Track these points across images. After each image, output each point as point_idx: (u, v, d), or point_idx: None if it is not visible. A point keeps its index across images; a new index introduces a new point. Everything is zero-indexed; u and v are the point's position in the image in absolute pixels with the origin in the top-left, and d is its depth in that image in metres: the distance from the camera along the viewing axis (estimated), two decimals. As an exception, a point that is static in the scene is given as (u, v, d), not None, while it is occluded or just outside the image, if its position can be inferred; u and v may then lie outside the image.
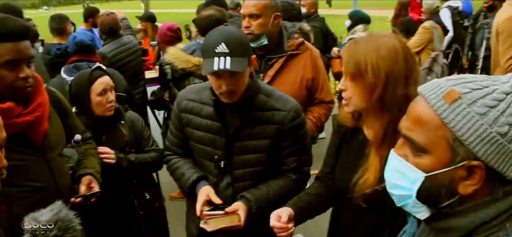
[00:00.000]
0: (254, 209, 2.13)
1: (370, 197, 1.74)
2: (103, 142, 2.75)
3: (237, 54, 1.97)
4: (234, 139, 2.16)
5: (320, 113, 3.07)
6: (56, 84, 3.39)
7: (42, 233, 1.35)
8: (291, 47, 2.99)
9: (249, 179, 2.21)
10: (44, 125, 2.11)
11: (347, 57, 1.73)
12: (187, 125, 2.24)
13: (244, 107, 2.12)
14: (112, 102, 2.72)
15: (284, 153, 2.22)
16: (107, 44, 4.83)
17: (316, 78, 3.01)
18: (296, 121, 2.18)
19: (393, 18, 8.03)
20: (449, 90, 1.04)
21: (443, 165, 1.05)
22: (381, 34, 1.74)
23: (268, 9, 2.87)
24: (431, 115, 1.05)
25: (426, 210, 1.13)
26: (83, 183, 2.29)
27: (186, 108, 2.23)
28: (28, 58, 1.97)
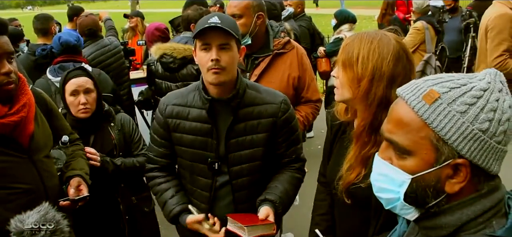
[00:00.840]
0: (280, 209, 2.17)
1: (354, 194, 1.77)
2: (91, 144, 2.74)
3: (229, 27, 2.00)
4: (229, 137, 2.16)
5: (307, 112, 3.09)
6: (41, 85, 3.36)
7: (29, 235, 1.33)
8: (277, 46, 3.01)
9: (247, 174, 2.22)
10: (30, 126, 2.08)
11: (343, 46, 1.76)
12: (174, 131, 2.21)
13: (235, 104, 2.13)
14: (86, 105, 2.66)
15: (283, 145, 2.26)
16: (87, 46, 4.72)
17: (303, 76, 3.04)
18: (289, 112, 2.23)
19: (380, 17, 8.09)
20: (428, 90, 1.05)
21: (428, 165, 1.06)
22: (383, 32, 1.75)
23: (250, 9, 2.90)
24: (412, 117, 1.06)
25: (414, 211, 1.14)
26: (72, 185, 2.26)
27: (171, 113, 2.20)
28: (8, 53, 1.94)
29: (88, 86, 2.69)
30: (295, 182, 2.31)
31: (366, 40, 1.71)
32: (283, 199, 2.19)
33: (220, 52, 2.02)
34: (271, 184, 2.25)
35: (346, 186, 1.78)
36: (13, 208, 1.86)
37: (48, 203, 1.43)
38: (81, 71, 2.77)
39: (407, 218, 1.17)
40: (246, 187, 2.23)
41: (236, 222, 2.04)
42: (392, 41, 1.70)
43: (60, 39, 3.63)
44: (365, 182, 1.68)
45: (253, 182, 2.24)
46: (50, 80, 3.46)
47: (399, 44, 1.72)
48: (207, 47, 2.03)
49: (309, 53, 6.18)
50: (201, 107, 2.15)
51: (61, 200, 2.16)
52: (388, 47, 1.68)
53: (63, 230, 1.38)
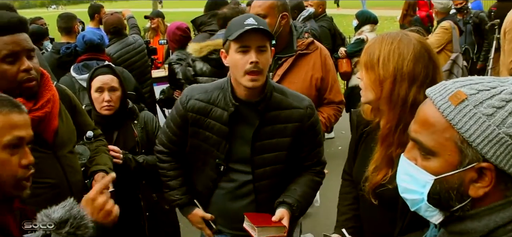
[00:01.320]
0: (297, 213, 2.19)
1: (381, 195, 1.76)
2: (114, 140, 2.79)
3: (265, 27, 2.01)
4: (255, 140, 2.16)
5: (330, 114, 3.07)
6: (66, 83, 3.41)
7: (54, 230, 1.35)
8: (300, 46, 3.00)
9: (270, 177, 2.23)
10: (54, 122, 2.12)
11: (365, 48, 1.76)
12: (193, 125, 2.22)
13: (262, 108, 2.13)
14: (109, 102, 2.72)
15: (306, 149, 2.27)
16: (112, 45, 4.82)
17: (326, 78, 3.02)
18: (314, 117, 2.24)
19: (401, 17, 8.01)
20: (455, 91, 1.04)
21: (451, 167, 1.04)
22: (404, 32, 1.74)
23: (274, 9, 2.90)
24: (438, 117, 1.05)
25: (439, 213, 1.12)
26: (96, 180, 2.29)
27: (193, 107, 2.20)
28: (27, 50, 1.97)
29: (113, 84, 2.75)
30: (314, 185, 2.34)
31: (386, 41, 1.70)
32: (301, 203, 2.21)
33: (258, 54, 2.01)
34: (291, 186, 2.27)
35: (372, 187, 1.77)
36: (37, 203, 1.89)
37: (73, 199, 1.45)
38: (108, 69, 2.83)
39: (432, 221, 1.15)
40: (268, 190, 2.24)
41: (250, 221, 2.07)
42: (413, 40, 1.69)
43: (84, 37, 3.69)
44: (392, 183, 1.67)
45: (275, 184, 2.25)
46: (74, 78, 3.52)
47: (421, 43, 1.70)
48: (246, 49, 2.01)
49: (330, 53, 6.16)
50: (224, 108, 2.15)
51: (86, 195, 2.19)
52: (409, 47, 1.67)
53: (87, 226, 1.40)
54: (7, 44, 1.90)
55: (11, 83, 1.93)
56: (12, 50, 1.91)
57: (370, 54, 1.71)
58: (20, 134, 1.44)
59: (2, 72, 1.92)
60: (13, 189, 1.46)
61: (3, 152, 1.42)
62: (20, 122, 1.46)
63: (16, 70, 1.93)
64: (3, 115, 1.42)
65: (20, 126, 1.45)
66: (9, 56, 1.91)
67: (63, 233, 1.36)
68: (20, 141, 1.45)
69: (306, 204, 2.27)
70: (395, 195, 1.60)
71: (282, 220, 2.10)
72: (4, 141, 1.41)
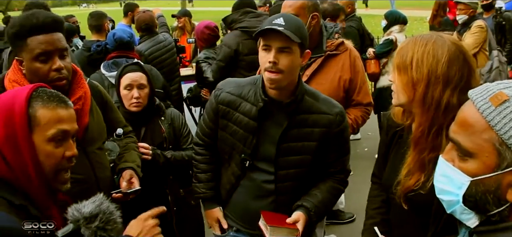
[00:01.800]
0: (314, 218, 2.18)
1: (413, 200, 1.73)
2: (141, 136, 2.83)
3: (293, 30, 1.98)
4: (281, 140, 2.16)
5: (357, 115, 3.04)
6: (95, 80, 3.46)
7: (84, 224, 1.38)
8: (330, 47, 2.98)
9: (292, 179, 2.22)
10: (85, 119, 2.17)
11: (398, 50, 1.73)
12: (223, 117, 2.25)
13: (292, 108, 2.13)
14: (138, 99, 2.76)
15: (331, 156, 2.25)
16: (144, 42, 4.91)
17: (354, 79, 2.99)
18: (343, 125, 2.21)
19: (431, 18, 7.86)
20: (496, 92, 1.01)
21: (489, 169, 1.02)
22: (438, 34, 1.70)
23: (305, 9, 2.88)
24: (477, 118, 1.03)
25: (475, 217, 1.10)
26: (124, 178, 2.33)
27: (224, 100, 2.23)
28: (60, 50, 2.02)
29: (142, 81, 2.79)
30: (335, 192, 2.32)
31: (420, 43, 1.66)
32: (319, 208, 2.20)
33: (279, 54, 2.00)
34: (312, 191, 2.25)
35: (404, 192, 1.74)
36: None
37: (103, 194, 1.48)
38: (137, 66, 2.87)
39: (468, 225, 1.13)
40: (289, 192, 2.24)
41: (265, 220, 2.08)
42: (447, 42, 1.64)
43: (114, 35, 3.75)
44: (425, 188, 1.64)
45: (296, 187, 2.24)
46: (104, 75, 3.58)
47: (456, 45, 1.66)
48: (268, 48, 2.02)
49: (358, 54, 6.11)
50: (254, 104, 2.16)
51: (113, 192, 2.23)
52: (443, 48, 1.63)
53: (116, 221, 1.43)
54: (41, 43, 1.96)
55: (42, 81, 1.97)
56: (45, 50, 1.97)
57: (403, 56, 1.68)
58: (64, 128, 1.50)
59: (35, 70, 1.98)
60: (54, 181, 1.51)
61: (48, 144, 1.47)
62: (65, 116, 1.51)
63: (48, 69, 1.99)
64: (49, 109, 1.48)
65: (65, 120, 1.51)
66: (42, 54, 1.97)
67: (93, 228, 1.38)
68: (64, 134, 1.51)
69: (325, 210, 2.25)
70: (428, 200, 1.57)
71: (297, 223, 2.10)
72: (49, 135, 1.46)
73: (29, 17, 1.98)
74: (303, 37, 2.05)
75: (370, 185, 2.19)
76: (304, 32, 2.08)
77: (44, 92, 1.52)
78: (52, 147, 1.48)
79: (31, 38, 1.96)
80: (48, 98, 1.50)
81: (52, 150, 1.48)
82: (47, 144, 1.47)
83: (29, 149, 1.43)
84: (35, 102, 1.47)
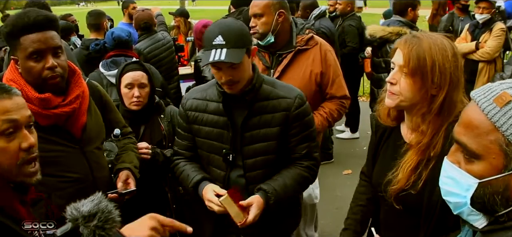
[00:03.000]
0: (272, 200, 2.18)
1: (405, 199, 1.72)
2: (141, 134, 2.84)
3: (233, 45, 2.02)
4: (243, 130, 2.21)
5: (332, 109, 3.09)
6: (94, 78, 3.46)
7: (83, 223, 1.38)
8: (300, 42, 3.04)
9: (261, 167, 2.26)
10: (82, 118, 2.16)
11: (408, 51, 1.64)
12: (193, 123, 2.31)
13: (250, 98, 2.18)
14: (139, 98, 2.77)
15: (293, 140, 2.27)
16: (143, 40, 4.93)
17: (326, 72, 3.04)
18: (302, 108, 2.25)
19: (431, 17, 7.87)
20: (500, 93, 1.01)
21: (496, 171, 1.01)
22: (439, 35, 1.68)
23: (271, 7, 2.95)
24: (482, 119, 1.02)
25: (483, 218, 1.09)
26: (120, 178, 2.32)
27: (191, 106, 2.31)
28: (54, 48, 2.01)
29: (143, 80, 2.80)
30: (299, 179, 2.30)
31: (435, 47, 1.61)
32: (278, 192, 2.20)
33: (230, 70, 2.06)
34: (274, 176, 2.27)
35: (396, 192, 1.72)
36: (64, 196, 1.95)
37: (101, 193, 1.48)
38: (138, 65, 2.87)
39: (475, 225, 1.12)
40: (260, 180, 2.26)
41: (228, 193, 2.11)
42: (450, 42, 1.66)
43: (113, 34, 3.75)
44: (416, 187, 1.64)
45: (266, 175, 2.27)
46: (103, 74, 3.57)
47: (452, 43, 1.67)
48: (218, 68, 2.08)
49: (357, 53, 6.10)
50: (218, 101, 2.22)
51: (109, 193, 2.23)
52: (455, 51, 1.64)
53: (115, 220, 1.42)
54: (33, 42, 1.95)
55: (36, 79, 1.99)
56: (38, 48, 1.96)
57: (420, 60, 1.61)
58: (12, 118, 1.41)
59: (28, 69, 1.98)
60: (18, 176, 1.44)
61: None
62: (11, 107, 1.42)
63: (41, 68, 1.98)
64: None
65: (11, 110, 1.42)
66: (34, 53, 1.96)
67: (91, 227, 1.38)
68: (14, 125, 1.42)
69: (285, 195, 2.23)
70: (418, 200, 1.57)
71: (250, 206, 2.12)
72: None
73: (21, 16, 1.97)
74: (246, 41, 2.10)
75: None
76: (245, 36, 2.12)
77: None
78: (4, 142, 1.40)
79: (24, 37, 1.95)
80: None
81: (4, 146, 1.40)
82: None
83: None
84: None
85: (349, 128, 6.77)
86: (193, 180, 2.30)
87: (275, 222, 2.36)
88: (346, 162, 5.72)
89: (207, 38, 2.08)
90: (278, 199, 2.20)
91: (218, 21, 2.13)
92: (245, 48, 2.08)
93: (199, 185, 2.29)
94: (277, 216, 2.32)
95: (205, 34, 2.11)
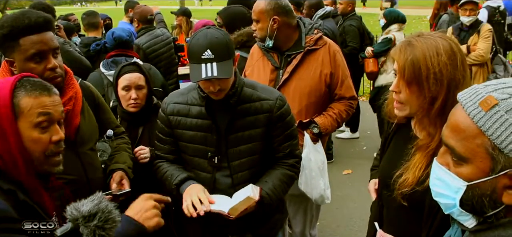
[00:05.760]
0: (267, 201, 2.21)
1: (410, 196, 1.72)
2: (139, 135, 2.82)
3: (222, 58, 2.04)
4: (228, 133, 2.23)
5: (341, 109, 3.08)
6: (95, 78, 3.50)
7: (83, 223, 1.38)
8: (309, 42, 3.03)
9: (247, 168, 2.29)
10: (76, 119, 2.16)
11: (403, 62, 1.65)
12: (176, 127, 2.31)
13: (233, 102, 2.19)
14: (136, 100, 2.75)
15: (277, 140, 2.32)
16: (142, 36, 4.96)
17: (335, 73, 3.04)
18: (284, 108, 2.29)
19: (432, 17, 7.88)
20: (486, 96, 1.01)
21: (483, 174, 1.02)
22: (436, 36, 1.67)
23: (265, 14, 3.00)
24: (468, 123, 1.03)
25: (472, 218, 1.10)
26: (114, 179, 2.31)
27: (173, 111, 2.30)
28: (54, 49, 2.02)
29: (140, 82, 2.78)
30: (286, 178, 2.35)
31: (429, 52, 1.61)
32: (271, 196, 2.23)
33: (219, 81, 2.07)
34: (262, 178, 2.30)
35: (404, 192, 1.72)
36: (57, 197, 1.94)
37: (101, 193, 1.49)
38: (134, 66, 2.85)
39: (465, 225, 1.13)
40: (246, 180, 2.27)
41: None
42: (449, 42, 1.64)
43: (113, 34, 3.75)
44: (422, 185, 1.64)
45: (252, 175, 2.30)
46: (103, 74, 3.57)
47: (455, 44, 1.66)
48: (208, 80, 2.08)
49: (358, 52, 6.11)
50: (201, 104, 2.23)
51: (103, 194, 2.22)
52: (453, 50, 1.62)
53: (114, 220, 1.43)
54: (35, 43, 1.95)
55: None
56: (40, 50, 1.96)
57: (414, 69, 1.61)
58: (48, 113, 1.56)
59: (29, 70, 1.95)
60: (44, 165, 1.57)
61: (34, 130, 1.53)
62: (48, 102, 1.57)
63: (43, 68, 1.99)
64: (33, 97, 1.54)
65: (48, 106, 1.57)
66: (36, 55, 1.96)
67: (92, 226, 1.39)
68: (49, 120, 1.56)
69: (276, 197, 2.28)
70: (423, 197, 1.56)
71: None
72: (34, 121, 1.53)
73: (20, 18, 1.96)
74: (231, 51, 2.13)
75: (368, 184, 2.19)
76: (230, 46, 2.13)
77: (28, 81, 1.58)
78: (38, 133, 1.54)
79: (24, 39, 1.94)
80: (31, 86, 1.56)
81: (38, 136, 1.54)
82: (32, 131, 1.53)
83: (15, 137, 1.49)
84: (18, 91, 1.53)
85: (349, 128, 6.76)
86: (178, 178, 2.30)
87: (262, 219, 2.38)
88: (346, 162, 5.73)
89: (194, 51, 2.07)
90: (271, 201, 2.24)
91: (202, 32, 2.10)
92: (232, 58, 2.11)
93: (183, 183, 2.28)
94: (264, 213, 2.33)
95: (192, 46, 2.10)
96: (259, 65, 3.17)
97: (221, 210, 2.10)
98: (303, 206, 3.30)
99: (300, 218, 3.35)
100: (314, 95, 3.01)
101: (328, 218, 4.47)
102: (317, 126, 2.98)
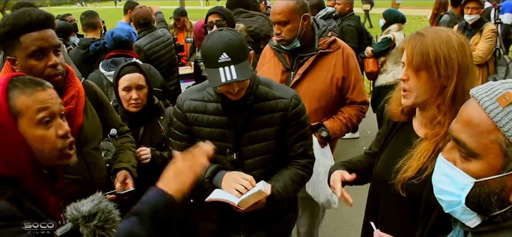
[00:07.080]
0: (277, 198, 2.20)
1: (408, 188, 1.72)
2: (140, 135, 2.83)
3: (240, 59, 2.03)
4: (243, 131, 2.22)
5: (351, 114, 3.03)
6: (94, 78, 3.48)
7: (83, 223, 1.38)
8: (322, 45, 2.97)
9: (260, 166, 2.27)
10: (79, 119, 2.15)
11: (411, 49, 1.67)
12: (193, 124, 2.28)
13: (248, 100, 2.18)
14: (137, 100, 2.76)
15: (290, 139, 2.30)
16: (142, 37, 4.94)
17: (348, 77, 2.98)
18: (299, 107, 2.28)
19: (432, 17, 7.88)
20: (504, 92, 1.00)
21: (494, 171, 1.00)
22: (443, 28, 1.70)
23: (295, 13, 2.87)
24: (483, 118, 1.01)
25: (476, 217, 1.08)
26: (118, 178, 2.31)
27: (189, 107, 2.27)
28: (54, 46, 2.01)
29: (140, 82, 2.78)
30: (297, 178, 2.33)
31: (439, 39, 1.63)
32: (281, 194, 2.22)
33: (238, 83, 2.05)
34: (274, 176, 2.29)
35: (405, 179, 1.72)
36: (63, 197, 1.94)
37: (101, 193, 1.48)
38: (134, 67, 2.85)
39: (468, 224, 1.11)
40: (258, 179, 2.24)
41: None
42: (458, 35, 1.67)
43: (112, 34, 3.74)
44: (418, 177, 1.64)
45: (265, 173, 2.28)
46: (103, 74, 3.57)
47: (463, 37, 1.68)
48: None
49: (356, 53, 6.10)
50: (217, 101, 2.22)
51: (107, 194, 2.21)
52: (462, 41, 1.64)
53: (115, 220, 1.43)
54: (36, 40, 1.94)
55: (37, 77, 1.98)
56: (41, 46, 1.96)
57: (423, 55, 1.63)
58: (48, 108, 1.50)
59: (30, 68, 1.95)
60: (58, 160, 1.53)
61: (38, 129, 1.47)
62: (45, 97, 1.51)
63: (44, 66, 1.98)
64: (27, 95, 1.46)
65: (46, 101, 1.50)
66: (37, 52, 1.96)
67: (92, 226, 1.39)
68: (50, 115, 1.50)
69: (286, 196, 2.26)
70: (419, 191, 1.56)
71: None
72: (35, 119, 1.46)
73: (21, 15, 1.96)
74: (247, 51, 2.11)
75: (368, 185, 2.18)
76: (245, 46, 2.12)
77: (18, 80, 1.50)
78: (43, 130, 1.48)
79: (25, 36, 1.94)
80: (23, 85, 1.49)
81: (43, 134, 1.48)
82: (35, 129, 1.46)
83: (18, 140, 1.43)
84: (12, 92, 1.46)
85: (349, 128, 6.75)
86: (208, 170, 2.24)
87: (276, 218, 2.37)
88: (346, 162, 5.73)
89: (210, 55, 2.04)
90: (281, 199, 2.23)
91: (215, 35, 2.08)
92: (248, 58, 2.10)
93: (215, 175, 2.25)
94: (277, 211, 2.32)
95: (206, 51, 2.07)
96: (270, 66, 3.12)
97: (231, 201, 2.09)
98: (309, 207, 3.28)
99: (305, 219, 3.34)
100: (324, 98, 2.96)
101: (327, 218, 4.45)
102: (325, 130, 2.94)
